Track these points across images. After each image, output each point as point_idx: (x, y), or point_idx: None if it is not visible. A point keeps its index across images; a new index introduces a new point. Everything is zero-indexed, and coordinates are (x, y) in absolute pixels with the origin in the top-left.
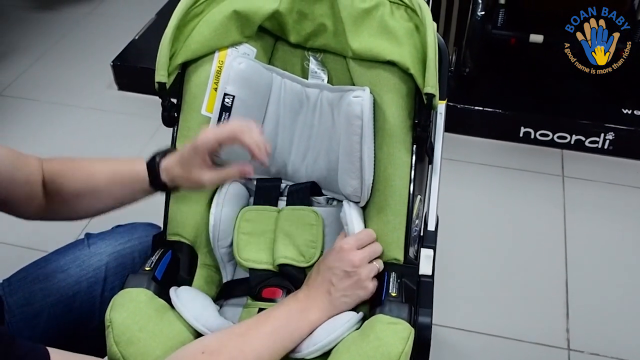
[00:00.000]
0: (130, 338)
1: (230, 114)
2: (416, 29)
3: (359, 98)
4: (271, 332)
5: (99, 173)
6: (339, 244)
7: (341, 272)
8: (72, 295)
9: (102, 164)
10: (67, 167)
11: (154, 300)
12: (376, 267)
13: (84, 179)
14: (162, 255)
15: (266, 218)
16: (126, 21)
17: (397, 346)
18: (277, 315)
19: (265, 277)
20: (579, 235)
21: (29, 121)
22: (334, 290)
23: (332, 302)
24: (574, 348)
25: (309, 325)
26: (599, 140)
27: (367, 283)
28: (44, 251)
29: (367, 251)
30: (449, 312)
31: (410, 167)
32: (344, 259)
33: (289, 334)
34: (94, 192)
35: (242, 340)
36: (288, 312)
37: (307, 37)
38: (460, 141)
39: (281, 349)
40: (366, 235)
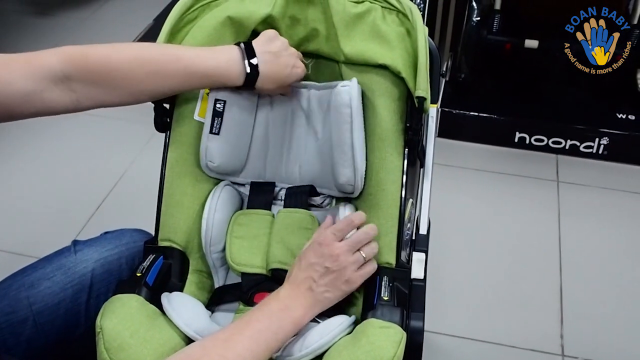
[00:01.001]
0: (121, 344)
1: (222, 119)
2: (407, 33)
3: (347, 87)
4: (254, 334)
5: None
6: (317, 238)
7: (322, 268)
8: (57, 302)
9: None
10: (108, 48)
11: (145, 306)
12: (361, 257)
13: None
14: (153, 260)
15: (260, 222)
16: (123, 27)
17: (389, 350)
18: (259, 317)
19: (257, 281)
20: (574, 240)
21: (24, 126)
22: (315, 286)
23: (315, 298)
24: (568, 354)
25: (292, 323)
26: (594, 145)
27: (351, 276)
28: (34, 257)
29: (350, 242)
30: (442, 318)
31: (402, 171)
32: (324, 254)
33: (273, 334)
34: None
35: (226, 346)
36: (269, 313)
37: (299, 42)
38: (455, 147)
39: (266, 351)
40: (346, 224)
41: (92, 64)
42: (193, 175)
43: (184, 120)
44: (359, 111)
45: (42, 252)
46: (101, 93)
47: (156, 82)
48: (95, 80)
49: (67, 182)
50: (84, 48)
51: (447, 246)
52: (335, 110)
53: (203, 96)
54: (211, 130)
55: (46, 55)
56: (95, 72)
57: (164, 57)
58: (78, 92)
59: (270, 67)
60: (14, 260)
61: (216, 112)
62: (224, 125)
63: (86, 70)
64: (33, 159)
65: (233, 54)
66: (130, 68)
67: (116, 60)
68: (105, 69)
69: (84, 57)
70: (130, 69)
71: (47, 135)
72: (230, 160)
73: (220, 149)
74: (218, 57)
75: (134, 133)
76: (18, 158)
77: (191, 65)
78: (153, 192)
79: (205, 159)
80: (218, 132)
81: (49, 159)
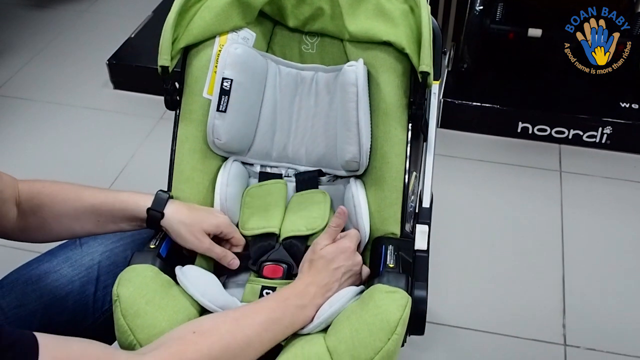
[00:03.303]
0: (137, 311)
1: (229, 97)
2: (411, 11)
3: (353, 67)
4: (265, 322)
5: (87, 197)
6: (346, 243)
7: (350, 272)
8: (64, 295)
9: (91, 191)
10: (52, 189)
11: (159, 275)
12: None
13: (71, 201)
14: (166, 234)
15: (273, 190)
16: (122, 19)
17: (395, 313)
18: (274, 308)
19: (266, 249)
20: (576, 230)
21: (23, 120)
22: (337, 287)
23: (327, 298)
24: (571, 344)
25: (304, 321)
26: (597, 134)
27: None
28: (36, 252)
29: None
30: (444, 308)
31: (406, 144)
32: (351, 259)
33: (283, 327)
34: (77, 216)
35: (236, 324)
36: (285, 307)
37: (305, 21)
38: (457, 137)
39: (272, 340)
40: (356, 233)
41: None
42: (203, 152)
43: (193, 97)
44: (365, 90)
45: (45, 246)
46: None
47: None
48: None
49: (67, 176)
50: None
51: (449, 236)
52: (341, 89)
53: (212, 74)
54: (218, 108)
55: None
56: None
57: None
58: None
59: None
60: (17, 255)
61: (223, 90)
62: (231, 103)
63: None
64: (32, 155)
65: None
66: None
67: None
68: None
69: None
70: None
71: (48, 128)
72: (236, 138)
73: (227, 127)
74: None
75: (134, 126)
76: (16, 155)
77: None
78: (154, 184)
79: (212, 136)
80: (225, 110)
81: (48, 153)
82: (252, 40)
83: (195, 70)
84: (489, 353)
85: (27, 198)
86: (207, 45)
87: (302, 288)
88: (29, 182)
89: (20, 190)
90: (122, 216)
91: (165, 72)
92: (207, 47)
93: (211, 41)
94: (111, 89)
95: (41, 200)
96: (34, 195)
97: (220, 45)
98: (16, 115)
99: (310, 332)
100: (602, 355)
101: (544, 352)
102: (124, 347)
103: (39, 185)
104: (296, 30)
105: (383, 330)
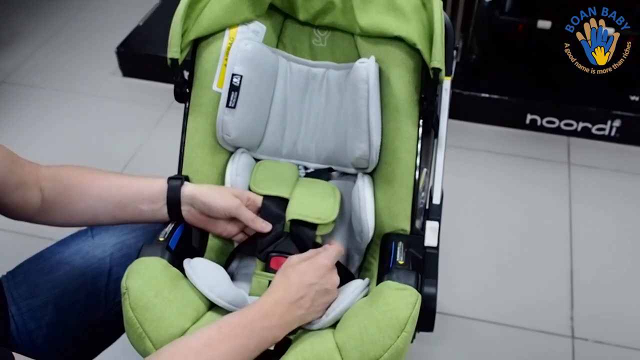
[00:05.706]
0: (146, 304)
1: (238, 93)
2: (423, 6)
3: (364, 64)
4: (230, 351)
5: (113, 179)
6: (322, 260)
7: (323, 290)
8: (77, 286)
9: (117, 174)
10: (80, 171)
11: (168, 268)
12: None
13: (97, 180)
14: (175, 226)
15: (285, 168)
16: (131, 7)
17: (405, 310)
18: (240, 334)
19: (274, 238)
20: (585, 223)
21: (32, 108)
22: (309, 306)
23: (301, 318)
24: (578, 336)
25: (272, 341)
26: (606, 127)
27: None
28: (49, 239)
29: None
30: (453, 300)
31: (416, 141)
32: (326, 276)
33: (250, 352)
34: (102, 195)
35: (197, 357)
36: (252, 330)
37: (315, 15)
38: (466, 128)
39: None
40: (337, 253)
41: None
42: (212, 145)
43: (203, 90)
44: (376, 88)
45: (57, 234)
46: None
47: None
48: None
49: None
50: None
51: (457, 228)
52: (352, 86)
53: (222, 67)
54: (228, 104)
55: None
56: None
57: None
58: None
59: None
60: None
61: (233, 87)
62: (241, 99)
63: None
64: (40, 143)
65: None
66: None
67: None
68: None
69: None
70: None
71: (57, 116)
72: (246, 134)
73: (236, 123)
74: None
75: (143, 114)
76: (25, 142)
77: None
78: (163, 173)
79: (221, 132)
80: (234, 106)
81: (56, 141)
82: (262, 34)
83: (204, 62)
84: (496, 344)
85: (54, 180)
86: (217, 38)
87: (268, 307)
88: (54, 166)
89: (45, 175)
90: (146, 195)
91: (175, 65)
92: (217, 40)
93: (221, 34)
94: (120, 76)
95: (69, 181)
96: (61, 177)
97: (231, 37)
98: (25, 103)
99: (322, 328)
100: (610, 348)
101: (552, 344)
102: (133, 340)
103: (67, 169)
104: (307, 24)
105: (392, 328)
